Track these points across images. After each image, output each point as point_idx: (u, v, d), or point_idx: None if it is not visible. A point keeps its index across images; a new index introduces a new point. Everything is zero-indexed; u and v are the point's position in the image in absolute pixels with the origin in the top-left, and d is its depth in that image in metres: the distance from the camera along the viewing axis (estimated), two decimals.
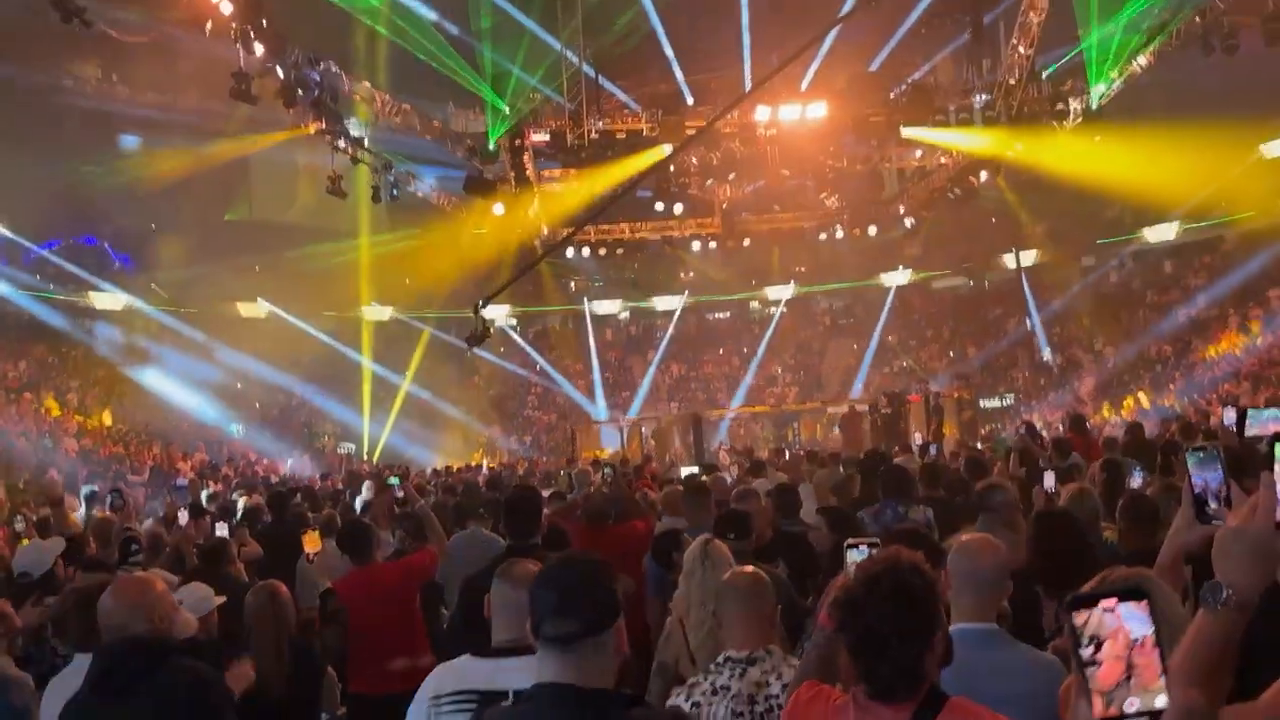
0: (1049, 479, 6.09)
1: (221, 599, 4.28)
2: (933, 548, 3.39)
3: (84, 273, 28.22)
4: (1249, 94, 25.29)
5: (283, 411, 30.29)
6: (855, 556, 2.59)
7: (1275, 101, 26.02)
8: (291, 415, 30.46)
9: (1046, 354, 28.77)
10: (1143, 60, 19.79)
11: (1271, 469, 1.62)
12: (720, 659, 3.16)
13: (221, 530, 6.54)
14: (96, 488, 14.07)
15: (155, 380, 27.72)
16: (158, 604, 3.04)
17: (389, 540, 6.58)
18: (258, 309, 30.89)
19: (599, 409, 32.35)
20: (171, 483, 17.40)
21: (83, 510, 11.19)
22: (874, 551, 2.49)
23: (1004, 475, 7.33)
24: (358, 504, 11.12)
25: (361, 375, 30.87)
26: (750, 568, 3.40)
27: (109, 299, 28.77)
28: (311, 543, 5.90)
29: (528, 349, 35.88)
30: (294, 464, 25.85)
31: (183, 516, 7.01)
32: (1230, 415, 8.01)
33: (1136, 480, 6.27)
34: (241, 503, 10.91)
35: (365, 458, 28.42)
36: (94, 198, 28.53)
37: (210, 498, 13.33)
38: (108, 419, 24.67)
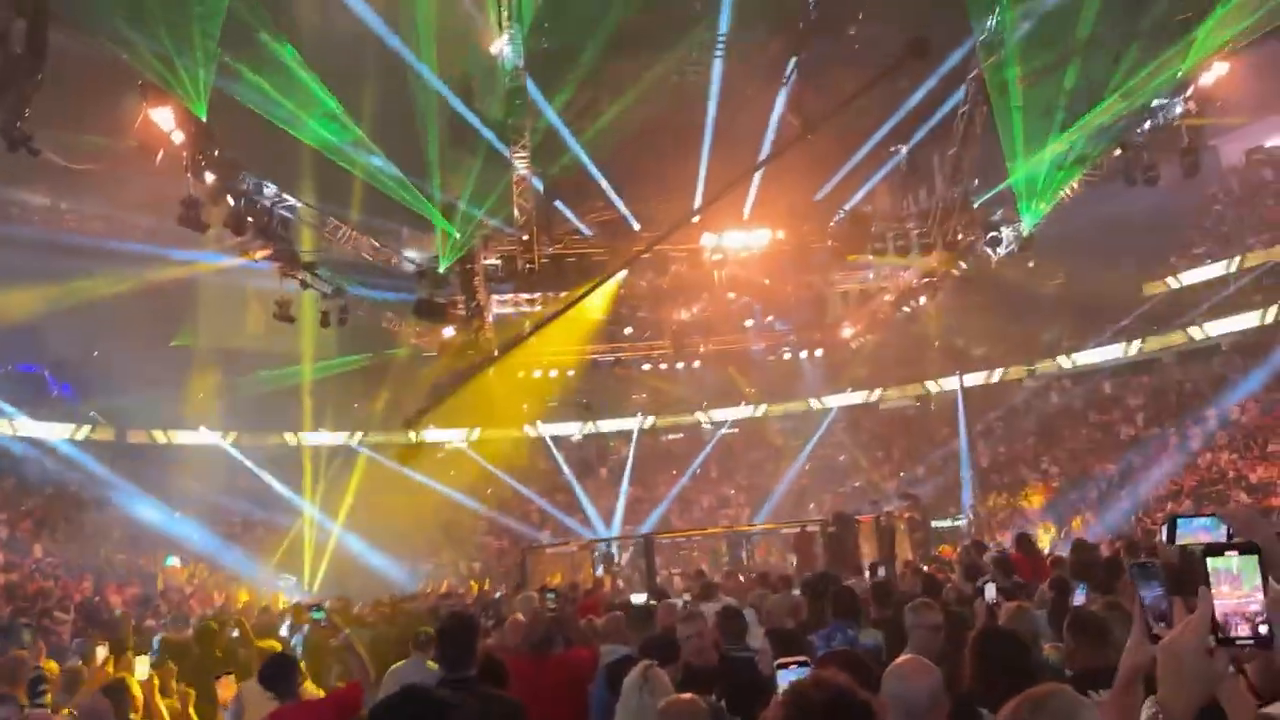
0: (990, 591, 6.07)
1: None
2: (867, 671, 3.32)
3: (22, 402, 27.64)
4: (1172, 220, 26.66)
5: (224, 541, 29.37)
6: (787, 677, 2.53)
7: (1193, 227, 27.43)
8: (233, 544, 29.54)
9: (968, 501, 27.83)
10: (1070, 189, 20.72)
11: (1207, 584, 1.61)
12: None
13: (141, 668, 6.20)
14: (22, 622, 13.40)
15: (91, 511, 26.94)
16: None
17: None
18: (200, 436, 30.33)
19: (549, 534, 31.89)
20: (100, 618, 16.71)
21: None
22: (805, 672, 2.43)
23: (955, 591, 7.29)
24: (296, 639, 10.66)
25: (304, 502, 30.22)
26: (687, 695, 3.31)
27: (46, 429, 28.11)
28: (225, 688, 5.50)
29: (490, 467, 35.38)
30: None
31: (100, 654, 6.66)
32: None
33: (1080, 598, 6.27)
34: (157, 641, 10.05)
35: (306, 588, 27.53)
36: (36, 325, 28.17)
37: (136, 631, 12.75)
38: (38, 552, 23.76)
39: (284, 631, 11.09)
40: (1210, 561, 1.62)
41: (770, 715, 2.24)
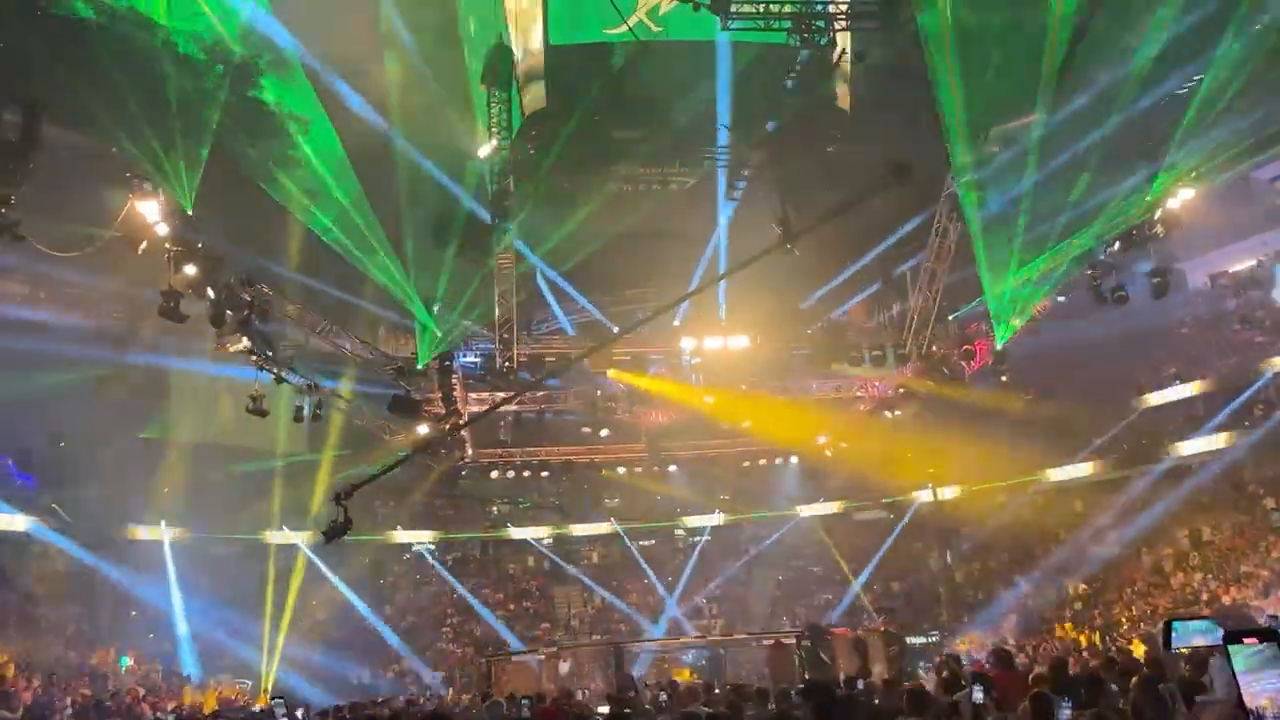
0: (977, 694, 5.99)
1: None
2: None
3: None
4: (1141, 341, 27.18)
5: (176, 644, 28.35)
6: None
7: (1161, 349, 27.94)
8: (189, 647, 28.53)
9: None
10: (1041, 307, 21.16)
11: (1233, 677, 1.59)
12: None
13: None
14: None
15: (44, 608, 26.10)
16: None
17: None
18: (161, 533, 29.58)
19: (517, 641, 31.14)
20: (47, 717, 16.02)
21: None
22: None
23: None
24: None
25: (264, 603, 29.39)
26: None
27: (4, 519, 27.34)
28: None
29: (449, 576, 34.71)
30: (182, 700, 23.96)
31: None
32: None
33: (1065, 714, 6.16)
34: None
35: (262, 692, 26.54)
36: (2, 411, 27.67)
37: None
38: None
39: None
40: (1231, 649, 1.61)
41: None
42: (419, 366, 21.14)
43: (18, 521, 27.48)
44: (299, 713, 6.25)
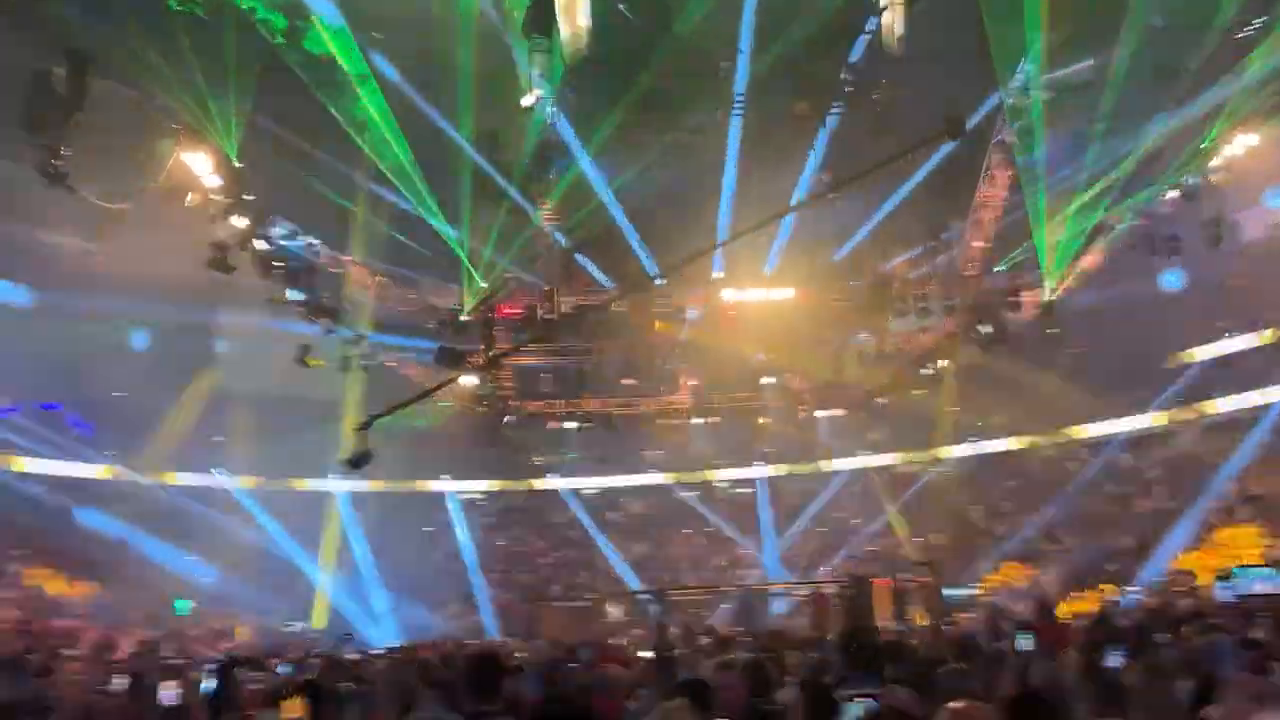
0: (1023, 642, 6.01)
1: None
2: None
3: (41, 440, 27.73)
4: (1194, 293, 26.56)
5: (231, 589, 29.14)
6: (853, 711, 2.48)
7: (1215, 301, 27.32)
8: (244, 589, 29.32)
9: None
10: (1092, 258, 20.73)
11: None
12: None
13: (167, 694, 6.21)
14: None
15: (106, 553, 26.88)
16: None
17: None
18: (216, 481, 30.30)
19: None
20: (109, 659, 16.55)
21: None
22: (874, 704, 2.38)
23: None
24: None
25: (320, 548, 30.16)
26: None
27: (62, 467, 28.18)
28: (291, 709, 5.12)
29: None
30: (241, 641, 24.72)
31: (119, 684, 6.61)
32: (1224, 591, 7.98)
33: (1114, 661, 6.17)
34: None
35: (316, 634, 27.26)
36: (63, 363, 28.35)
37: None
38: (52, 588, 23.64)
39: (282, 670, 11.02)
40: None
41: None
42: (462, 318, 21.27)
43: (79, 470, 28.33)
44: (356, 653, 6.58)
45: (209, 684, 8.43)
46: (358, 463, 13.57)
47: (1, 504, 25.28)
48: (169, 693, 6.34)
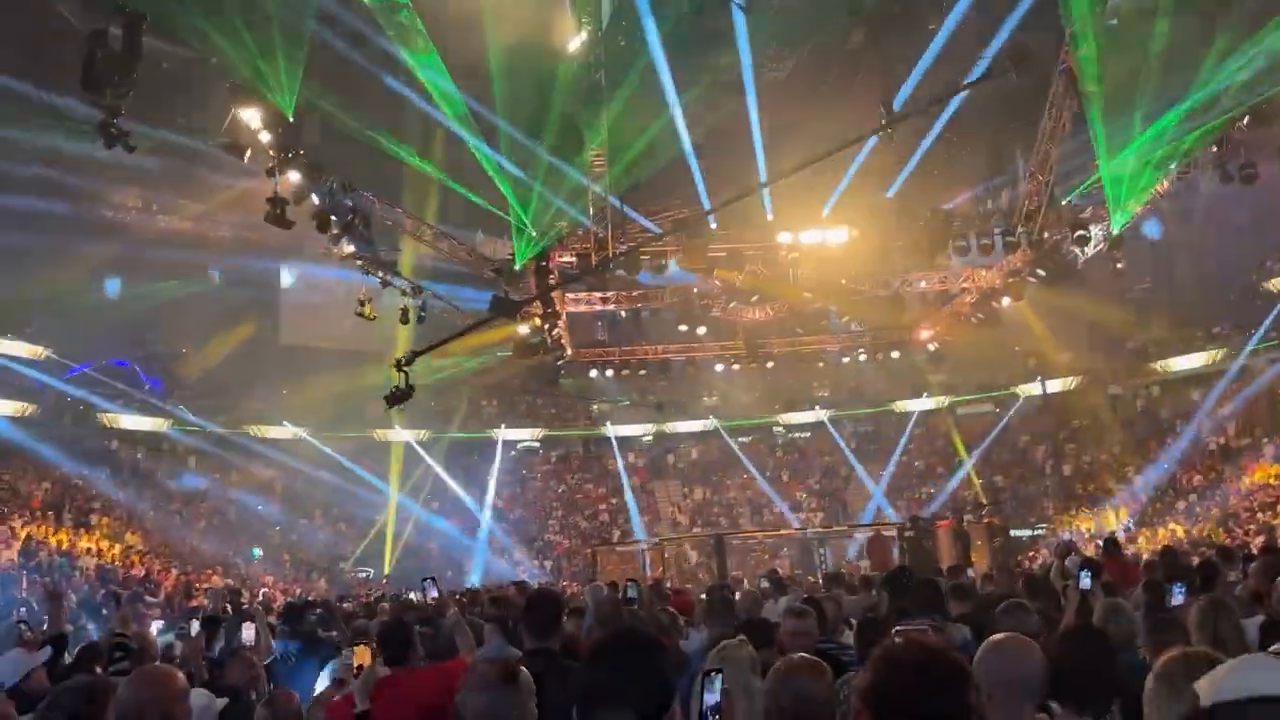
0: (1085, 580, 5.92)
1: (223, 700, 4.12)
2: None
3: (113, 394, 28.64)
4: (1270, 222, 25.56)
5: (301, 536, 30.03)
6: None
7: None
8: (314, 537, 30.20)
9: None
10: (1161, 188, 19.95)
11: None
12: None
13: (248, 632, 6.41)
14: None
15: (177, 503, 27.79)
16: (176, 699, 2.91)
17: None
18: (284, 432, 31.05)
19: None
20: (186, 605, 17.20)
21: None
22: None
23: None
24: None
25: (384, 498, 30.86)
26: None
27: (135, 421, 29.10)
28: (361, 656, 5.30)
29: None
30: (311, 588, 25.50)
31: (194, 626, 6.82)
32: None
33: (1178, 598, 6.06)
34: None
35: (384, 579, 28.03)
36: (130, 320, 29.14)
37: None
38: (131, 540, 24.55)
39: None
40: None
41: (862, 679, 2.16)
42: (516, 268, 21.30)
43: (148, 423, 29.25)
44: (432, 594, 6.66)
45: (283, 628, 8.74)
46: (396, 399, 13.78)
47: (86, 456, 26.30)
48: (248, 633, 6.54)
